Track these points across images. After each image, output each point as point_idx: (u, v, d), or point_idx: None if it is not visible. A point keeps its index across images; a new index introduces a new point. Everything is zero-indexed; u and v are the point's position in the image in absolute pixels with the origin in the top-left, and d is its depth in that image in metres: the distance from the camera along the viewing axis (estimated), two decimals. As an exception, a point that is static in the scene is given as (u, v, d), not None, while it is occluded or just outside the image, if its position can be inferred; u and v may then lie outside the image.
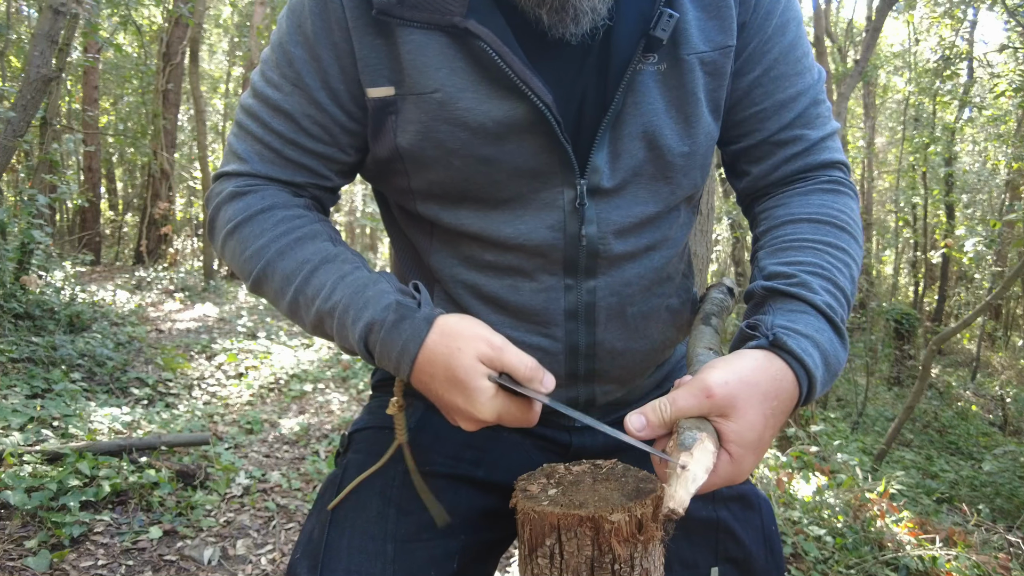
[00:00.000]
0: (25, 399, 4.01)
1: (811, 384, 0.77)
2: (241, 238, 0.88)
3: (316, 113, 0.88)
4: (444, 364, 0.77)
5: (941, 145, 13.73)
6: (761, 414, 0.72)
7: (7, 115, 4.60)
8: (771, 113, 0.93)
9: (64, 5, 4.59)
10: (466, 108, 0.83)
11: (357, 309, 0.81)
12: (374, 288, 0.82)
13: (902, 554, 3.11)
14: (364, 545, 0.93)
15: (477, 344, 0.77)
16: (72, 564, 2.61)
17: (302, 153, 0.90)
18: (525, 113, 0.83)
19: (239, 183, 0.91)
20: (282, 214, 0.89)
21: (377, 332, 0.80)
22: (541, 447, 1.06)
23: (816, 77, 0.95)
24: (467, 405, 0.77)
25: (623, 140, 0.87)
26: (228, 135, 0.97)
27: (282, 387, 5.87)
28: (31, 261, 5.81)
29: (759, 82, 0.92)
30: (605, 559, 0.80)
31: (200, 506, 3.19)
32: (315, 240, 0.88)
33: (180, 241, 16.56)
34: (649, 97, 0.86)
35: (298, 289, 0.85)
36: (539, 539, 0.83)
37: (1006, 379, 13.03)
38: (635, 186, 0.91)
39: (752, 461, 0.72)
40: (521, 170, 0.86)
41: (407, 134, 0.86)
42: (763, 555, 1.06)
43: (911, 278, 17.91)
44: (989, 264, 11.55)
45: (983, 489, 6.27)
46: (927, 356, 6.14)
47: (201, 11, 11.59)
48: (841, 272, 0.85)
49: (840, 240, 0.88)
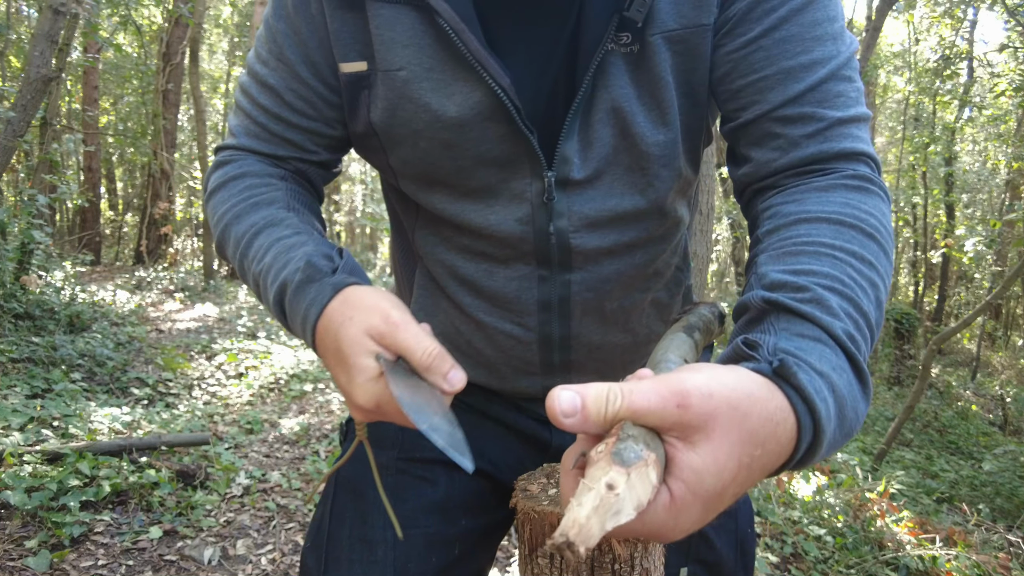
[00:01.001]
0: (25, 399, 4.01)
1: (815, 440, 0.55)
2: (213, 204, 0.90)
3: (299, 87, 0.88)
4: (335, 334, 0.69)
5: (941, 145, 13.73)
6: (736, 457, 0.49)
7: (7, 115, 4.60)
8: (775, 83, 0.76)
9: (64, 5, 4.58)
10: (429, 89, 0.81)
11: (276, 270, 0.78)
12: (299, 250, 0.78)
13: (902, 554, 3.11)
14: (364, 534, 0.94)
15: (371, 317, 0.68)
16: (72, 564, 2.60)
17: (286, 127, 0.90)
18: (483, 97, 0.79)
19: (225, 155, 0.93)
20: (250, 181, 0.89)
21: (286, 294, 0.76)
22: (523, 441, 1.06)
23: (843, 49, 0.76)
24: (348, 385, 0.68)
25: (594, 128, 0.82)
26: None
27: (282, 387, 5.87)
28: (31, 261, 5.81)
29: (760, 44, 0.76)
30: (605, 559, 0.80)
31: (200, 506, 3.19)
32: (270, 206, 0.87)
33: (180, 241, 16.56)
34: (620, 81, 0.80)
35: (243, 253, 0.84)
36: (539, 539, 0.83)
37: (1006, 379, 13.03)
38: (609, 177, 0.85)
39: (696, 516, 0.50)
40: (485, 159, 0.84)
41: (378, 110, 0.85)
42: (734, 557, 1.06)
43: (911, 278, 17.91)
44: (989, 264, 11.55)
45: (983, 489, 6.27)
46: (927, 356, 6.14)
47: (201, 11, 11.59)
48: (866, 293, 0.64)
49: (867, 251, 0.67)
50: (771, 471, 0.55)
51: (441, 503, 0.98)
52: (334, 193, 17.72)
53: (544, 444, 1.05)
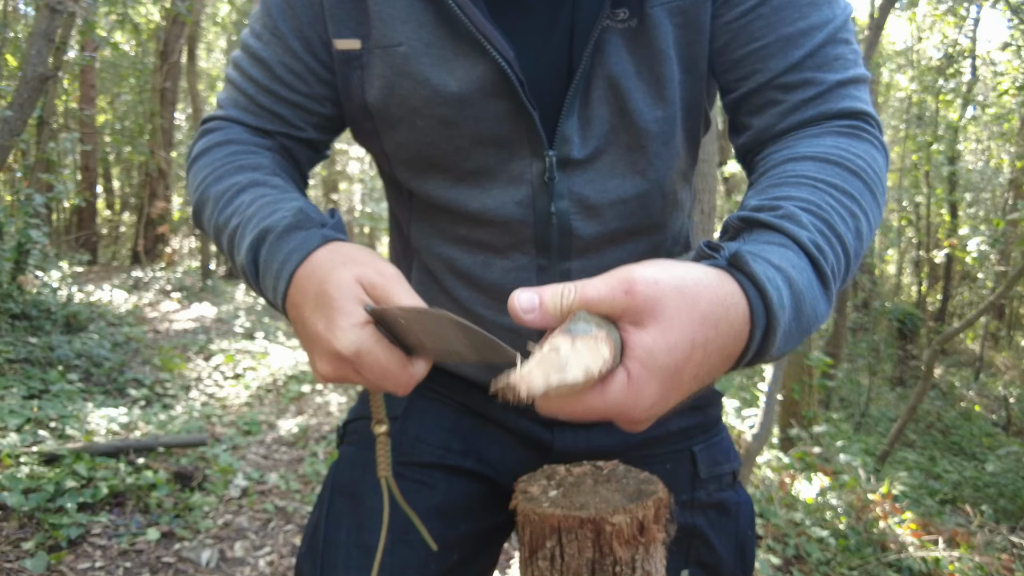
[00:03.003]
0: (22, 400, 4.00)
1: (769, 325, 0.56)
2: (194, 171, 0.89)
3: (291, 61, 0.87)
4: (319, 279, 0.65)
5: (944, 144, 13.74)
6: (688, 337, 0.52)
7: (4, 114, 4.59)
8: (775, 50, 0.77)
9: (61, 3, 4.57)
10: (429, 64, 0.79)
11: (258, 219, 0.74)
12: (289, 203, 0.75)
13: (905, 555, 3.10)
14: (362, 539, 0.92)
15: (363, 268, 0.66)
16: (69, 566, 2.60)
17: (275, 101, 0.89)
18: (486, 72, 0.78)
19: (211, 124, 0.92)
20: (235, 148, 0.88)
21: (267, 239, 0.72)
22: (524, 444, 1.03)
23: (839, 12, 0.78)
24: (326, 331, 0.63)
25: (593, 106, 0.81)
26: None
27: (280, 388, 5.86)
28: (28, 261, 5.81)
29: (758, 12, 0.77)
30: (606, 561, 0.79)
31: (198, 508, 3.18)
32: (255, 170, 0.85)
33: (177, 241, 16.60)
34: (617, 58, 0.79)
35: (220, 211, 0.81)
36: (540, 541, 0.82)
37: (1009, 379, 13.04)
38: (609, 157, 0.83)
39: (655, 394, 0.53)
40: (485, 137, 0.82)
41: (374, 89, 0.83)
42: (733, 560, 1.04)
43: (914, 278, 17.94)
44: (992, 263, 11.55)
45: (986, 490, 6.27)
46: (930, 356, 6.13)
47: (199, 9, 11.60)
48: (843, 219, 0.66)
49: (849, 185, 0.68)
50: (730, 357, 0.57)
51: (440, 508, 0.96)
52: (332, 192, 17.75)
53: (546, 447, 1.03)
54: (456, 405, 1.03)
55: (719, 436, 1.09)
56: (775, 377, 4.18)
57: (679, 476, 1.03)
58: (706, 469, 1.04)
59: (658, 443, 1.05)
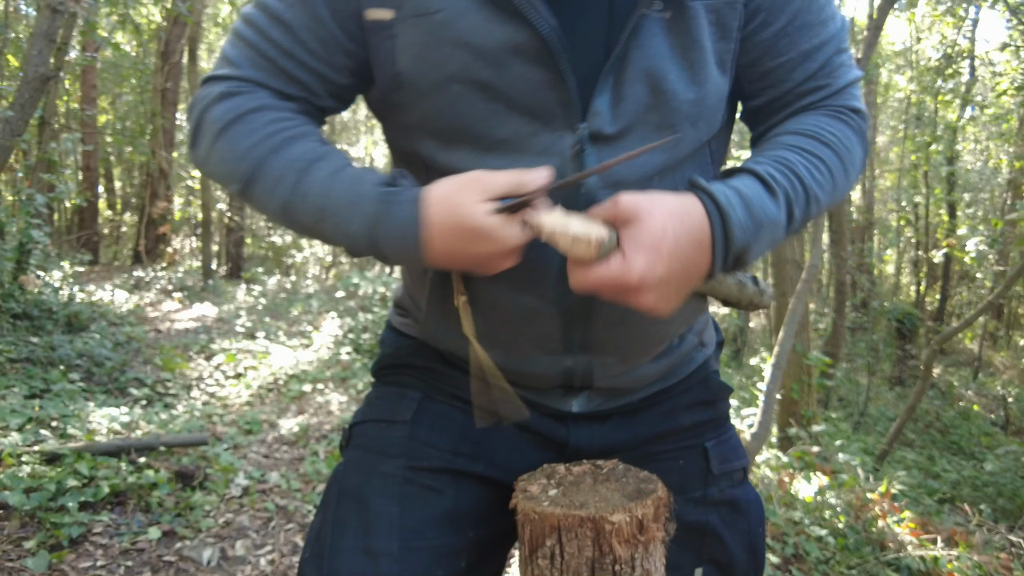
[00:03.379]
0: (23, 399, 4.00)
1: (724, 219, 0.77)
2: (230, 138, 0.85)
3: (316, 27, 0.86)
4: (455, 226, 0.77)
5: (943, 144, 13.72)
6: (660, 224, 0.74)
7: (5, 114, 4.59)
8: (797, 63, 0.91)
9: (62, 4, 4.58)
10: (468, 27, 0.80)
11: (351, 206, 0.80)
12: (364, 184, 0.81)
13: (904, 554, 3.10)
14: (369, 545, 0.91)
15: (468, 192, 0.77)
16: (71, 565, 2.60)
17: (297, 66, 0.88)
18: (527, 39, 0.80)
19: (229, 85, 0.88)
20: (273, 115, 0.86)
21: (374, 230, 0.79)
22: (537, 443, 1.03)
23: (840, 25, 0.92)
24: (496, 246, 0.78)
25: (626, 84, 0.84)
26: (223, 43, 0.95)
27: (281, 387, 5.86)
28: (29, 261, 5.81)
29: (785, 31, 0.89)
30: (606, 560, 0.80)
31: (199, 507, 3.19)
32: (305, 139, 0.85)
33: (179, 241, 16.59)
34: (654, 42, 0.83)
35: (292, 188, 0.82)
36: (539, 540, 0.83)
37: (1008, 379, 13.04)
38: (638, 135, 0.86)
39: (643, 264, 0.73)
40: (519, 105, 0.83)
41: (406, 57, 0.84)
42: (745, 558, 1.05)
43: (913, 277, 17.92)
44: (991, 263, 11.53)
45: (985, 489, 6.28)
46: (929, 356, 6.14)
47: (200, 10, 11.60)
48: (804, 166, 0.84)
49: (818, 151, 0.86)
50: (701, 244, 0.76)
51: (449, 514, 0.95)
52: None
53: (560, 444, 1.03)
54: (466, 409, 1.02)
55: (728, 433, 1.10)
56: (774, 376, 4.19)
57: (692, 472, 1.04)
58: (718, 465, 1.05)
59: (671, 438, 1.06)
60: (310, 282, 14.08)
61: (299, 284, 13.61)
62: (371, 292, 7.96)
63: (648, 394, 1.05)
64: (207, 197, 12.25)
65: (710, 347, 1.14)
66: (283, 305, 10.43)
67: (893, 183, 16.03)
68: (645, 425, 1.05)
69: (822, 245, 6.97)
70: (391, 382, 1.08)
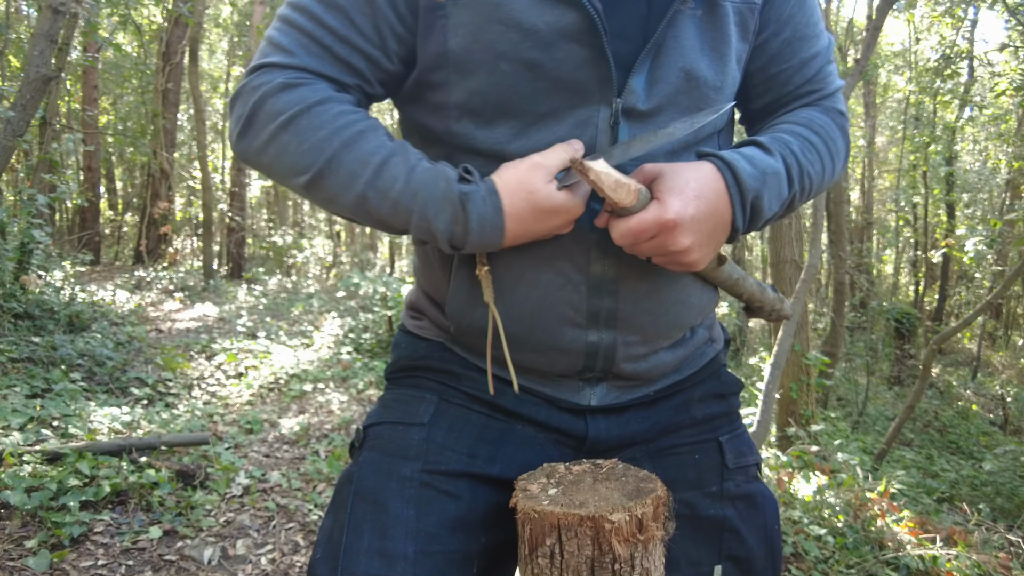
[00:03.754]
0: (25, 399, 4.01)
1: (733, 171, 0.88)
2: (298, 131, 0.85)
3: (371, 12, 0.87)
4: (531, 209, 0.85)
5: (942, 144, 13.72)
6: (683, 175, 0.85)
7: (7, 114, 4.60)
8: (797, 69, 1.04)
9: (64, 4, 4.58)
10: (519, 8, 0.84)
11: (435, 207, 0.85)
12: (441, 182, 0.86)
13: (902, 553, 3.10)
14: (384, 548, 0.91)
15: (536, 177, 0.85)
16: (72, 564, 2.61)
17: (352, 52, 0.89)
18: (576, 19, 0.84)
19: (289, 75, 0.87)
20: (339, 107, 0.87)
21: (463, 229, 0.85)
22: (556, 441, 1.04)
23: (828, 40, 1.06)
24: (564, 217, 0.87)
25: (661, 69, 0.90)
26: (269, 30, 0.92)
27: (282, 387, 5.87)
28: (31, 261, 5.81)
29: (789, 41, 1.01)
30: (605, 559, 0.81)
31: (200, 506, 3.19)
32: (374, 133, 0.87)
33: (180, 241, 16.58)
34: (688, 34, 0.90)
35: (369, 183, 0.85)
36: (539, 539, 0.83)
37: (1006, 378, 13.03)
38: (668, 114, 0.92)
39: (677, 203, 0.83)
40: (563, 81, 0.87)
41: (458, 36, 0.86)
42: (763, 554, 1.06)
43: (912, 277, 17.91)
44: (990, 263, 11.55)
45: (983, 488, 6.28)
46: (927, 355, 6.15)
47: (201, 10, 11.59)
48: (798, 144, 0.97)
49: (808, 135, 1.00)
50: (721, 194, 0.87)
51: (462, 519, 0.95)
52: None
53: (579, 439, 1.04)
54: (483, 411, 1.03)
55: (741, 428, 1.12)
56: (773, 376, 4.20)
57: (708, 466, 1.06)
58: (733, 459, 1.07)
59: (685, 430, 1.07)
60: (311, 282, 14.08)
61: (300, 284, 13.61)
62: (371, 292, 7.95)
63: (663, 386, 1.08)
64: (208, 197, 12.25)
65: (719, 342, 1.17)
66: (284, 305, 10.44)
67: (892, 183, 16.02)
68: (661, 416, 1.07)
69: (821, 245, 6.97)
70: (407, 384, 1.08)
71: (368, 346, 7.62)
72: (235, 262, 15.20)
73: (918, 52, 15.81)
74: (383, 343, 7.64)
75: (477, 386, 1.03)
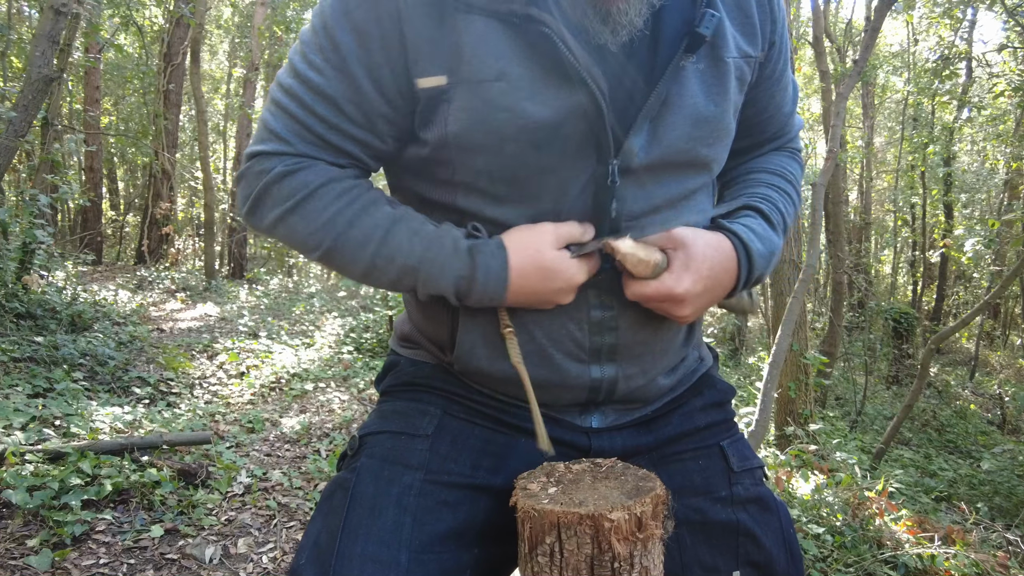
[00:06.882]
0: (27, 398, 4.02)
1: (748, 255, 0.97)
2: (304, 214, 0.90)
3: (360, 100, 0.89)
4: (535, 268, 0.89)
5: (940, 145, 13.72)
6: (702, 252, 0.92)
7: (9, 115, 4.61)
8: (771, 115, 1.13)
9: (65, 6, 4.59)
10: (524, 96, 0.84)
11: (440, 263, 0.89)
12: (448, 240, 0.90)
13: (901, 552, 3.11)
14: (378, 554, 0.90)
15: (544, 239, 0.90)
16: (74, 563, 2.61)
17: (343, 138, 0.91)
18: (581, 100, 0.85)
19: (288, 162, 0.91)
20: (340, 187, 0.91)
21: (468, 281, 0.89)
22: (560, 454, 1.03)
23: (795, 86, 1.16)
24: (566, 283, 0.91)
25: (664, 124, 0.92)
26: (263, 112, 0.96)
27: (283, 386, 5.88)
28: (33, 261, 5.82)
29: (770, 91, 1.09)
30: (605, 557, 0.81)
31: (202, 505, 3.20)
32: (378, 205, 0.91)
33: (181, 241, 16.56)
34: (691, 89, 0.91)
35: (375, 253, 0.89)
36: (539, 537, 0.84)
37: (1004, 378, 13.03)
38: (662, 170, 0.94)
39: (688, 281, 0.91)
40: (567, 153, 0.89)
41: (460, 121, 0.86)
42: (784, 559, 1.05)
43: (910, 277, 17.90)
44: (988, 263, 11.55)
45: (981, 487, 6.29)
46: (926, 355, 6.16)
47: (202, 12, 11.58)
48: (781, 199, 1.09)
49: (786, 188, 1.12)
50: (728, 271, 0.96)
51: (461, 530, 0.96)
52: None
53: (583, 451, 1.05)
54: (487, 425, 1.04)
55: (739, 435, 1.14)
56: (771, 375, 4.21)
57: (714, 472, 1.06)
58: (737, 463, 1.08)
59: (688, 439, 1.08)
60: (312, 282, 14.08)
61: (301, 284, 13.61)
62: (372, 292, 7.96)
63: (660, 405, 1.10)
64: (210, 197, 12.25)
65: (708, 360, 1.20)
66: (285, 305, 10.44)
67: (890, 184, 16.02)
68: (664, 428, 1.09)
69: (819, 245, 6.98)
70: (407, 398, 1.09)
71: (369, 345, 7.63)
72: (237, 262, 15.19)
73: (916, 53, 15.81)
74: (384, 342, 7.64)
75: (481, 403, 1.04)
